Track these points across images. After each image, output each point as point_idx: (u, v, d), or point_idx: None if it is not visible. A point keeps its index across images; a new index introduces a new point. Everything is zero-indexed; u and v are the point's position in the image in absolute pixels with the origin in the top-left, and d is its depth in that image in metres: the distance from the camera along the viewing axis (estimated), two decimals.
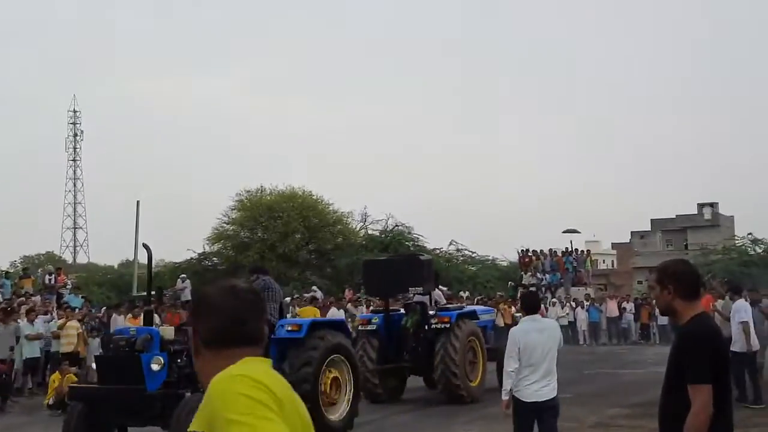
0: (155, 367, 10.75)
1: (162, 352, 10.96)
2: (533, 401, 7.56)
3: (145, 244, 12.90)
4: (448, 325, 15.77)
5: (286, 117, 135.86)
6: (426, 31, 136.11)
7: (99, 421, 11.08)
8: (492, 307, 23.70)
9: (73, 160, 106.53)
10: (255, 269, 13.30)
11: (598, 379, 19.72)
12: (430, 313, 16.28)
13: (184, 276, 31.59)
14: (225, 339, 2.42)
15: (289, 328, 12.25)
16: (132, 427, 11.50)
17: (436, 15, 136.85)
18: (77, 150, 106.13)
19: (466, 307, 18.28)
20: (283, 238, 42.76)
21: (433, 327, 15.97)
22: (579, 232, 40.52)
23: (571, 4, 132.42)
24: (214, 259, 44.98)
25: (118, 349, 11.20)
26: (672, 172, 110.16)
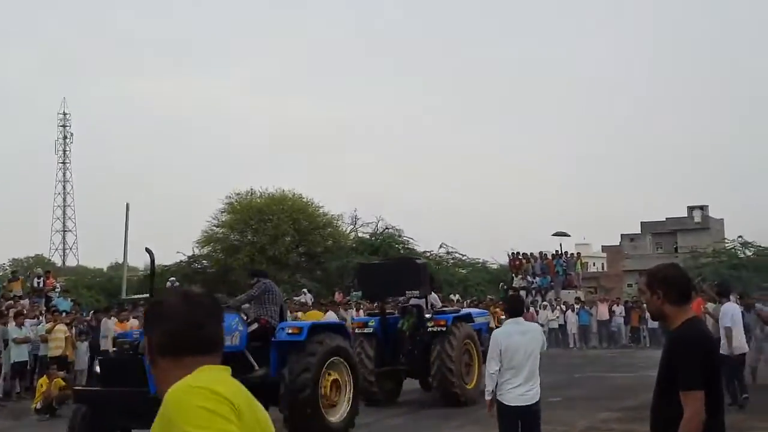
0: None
1: None
2: (517, 405, 7.61)
3: (147, 248, 13.15)
4: (444, 328, 15.85)
5: (279, 118, 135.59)
6: (423, 34, 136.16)
7: (102, 423, 11.10)
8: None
9: (63, 163, 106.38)
10: (255, 273, 13.51)
11: (588, 382, 19.70)
12: (426, 316, 16.36)
13: (173, 279, 31.55)
14: (180, 347, 2.32)
15: (289, 331, 12.34)
16: (135, 430, 11.48)
17: (434, 16, 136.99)
18: (67, 152, 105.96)
19: (462, 310, 18.33)
20: (273, 241, 42.67)
21: (429, 330, 16.05)
22: (569, 235, 40.53)
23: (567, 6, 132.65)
24: (204, 262, 44.89)
25: (122, 352, 11.28)
26: (662, 175, 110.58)
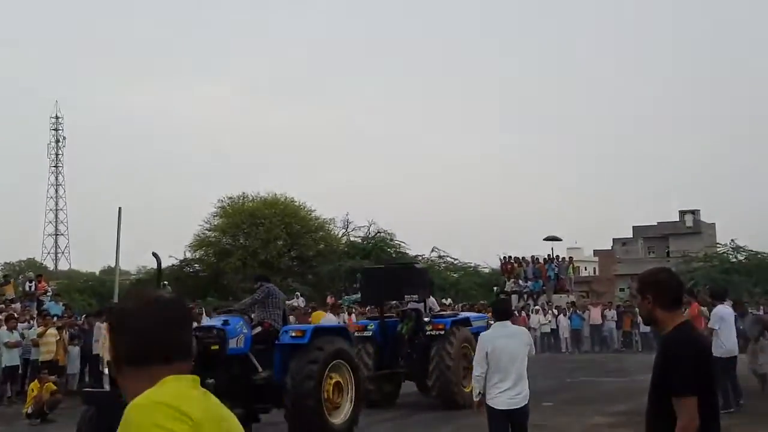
0: None
1: None
2: (505, 409, 7.75)
3: (154, 252, 13.27)
4: (443, 332, 16.07)
5: (272, 121, 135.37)
6: (421, 37, 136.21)
7: (110, 425, 11.06)
8: None
9: (55, 167, 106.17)
10: (258, 277, 13.81)
11: (580, 387, 19.71)
12: (425, 320, 16.57)
13: (165, 283, 31.40)
14: (145, 356, 2.18)
15: (293, 334, 12.46)
16: None
17: (434, 17, 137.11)
18: (59, 156, 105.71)
19: (460, 314, 18.50)
20: (265, 245, 42.65)
21: (428, 333, 16.27)
22: (561, 239, 40.52)
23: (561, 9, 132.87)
24: (196, 266, 44.83)
25: None
26: (654, 179, 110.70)
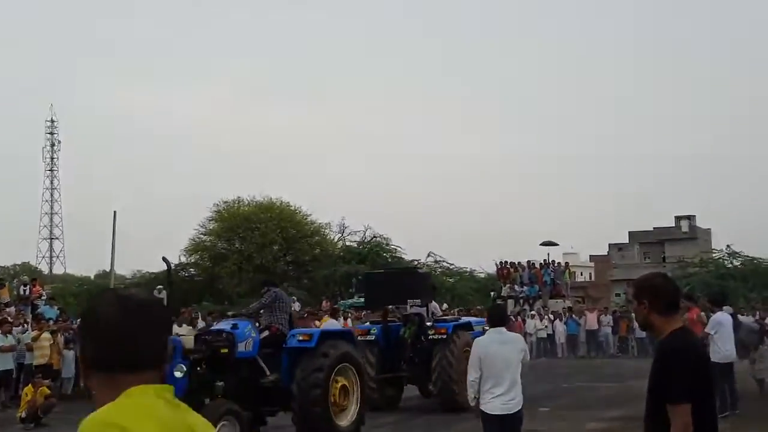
0: (178, 374, 10.97)
1: (184, 360, 11.20)
2: (499, 414, 7.86)
3: (164, 257, 13.37)
4: (445, 336, 16.23)
5: (267, 124, 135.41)
6: (421, 37, 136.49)
7: None
8: None
9: (50, 170, 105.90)
10: (266, 282, 14.14)
11: (576, 392, 19.70)
12: (428, 324, 16.77)
13: (160, 287, 31.32)
14: (111, 363, 2.01)
15: (300, 338, 12.65)
16: None
17: (434, 17, 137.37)
18: (54, 159, 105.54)
19: (462, 319, 18.62)
20: (260, 249, 42.64)
21: (430, 338, 16.47)
22: (557, 244, 40.57)
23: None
24: (191, 270, 44.78)
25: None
26: (650, 184, 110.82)
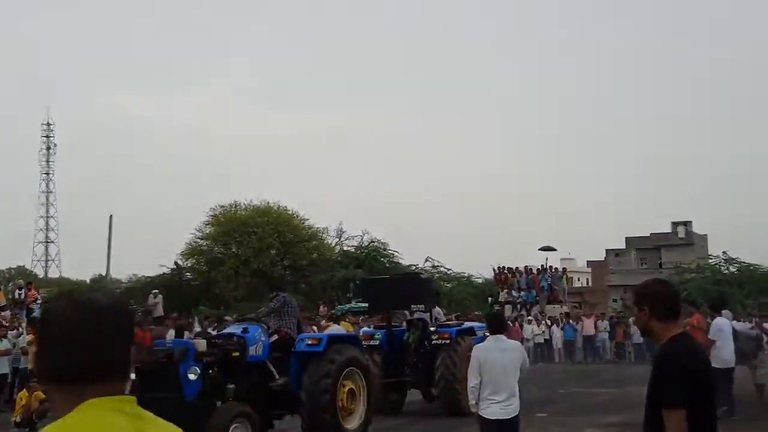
0: (192, 376, 11.15)
1: (197, 362, 11.33)
2: (497, 419, 8.02)
3: (176, 261, 13.46)
4: (449, 341, 16.43)
5: (264, 127, 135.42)
6: (421, 39, 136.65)
7: None
8: None
9: (46, 174, 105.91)
10: (275, 287, 14.54)
11: (573, 398, 19.65)
12: (431, 329, 16.99)
13: (156, 291, 31.33)
14: (65, 373, 1.87)
15: (308, 342, 12.84)
16: None
17: (434, 17, 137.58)
18: (50, 163, 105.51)
19: (465, 324, 18.72)
20: (257, 254, 42.61)
21: (433, 343, 16.66)
22: (555, 249, 40.52)
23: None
24: (188, 274, 44.71)
25: (158, 360, 11.67)
26: (647, 190, 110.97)
